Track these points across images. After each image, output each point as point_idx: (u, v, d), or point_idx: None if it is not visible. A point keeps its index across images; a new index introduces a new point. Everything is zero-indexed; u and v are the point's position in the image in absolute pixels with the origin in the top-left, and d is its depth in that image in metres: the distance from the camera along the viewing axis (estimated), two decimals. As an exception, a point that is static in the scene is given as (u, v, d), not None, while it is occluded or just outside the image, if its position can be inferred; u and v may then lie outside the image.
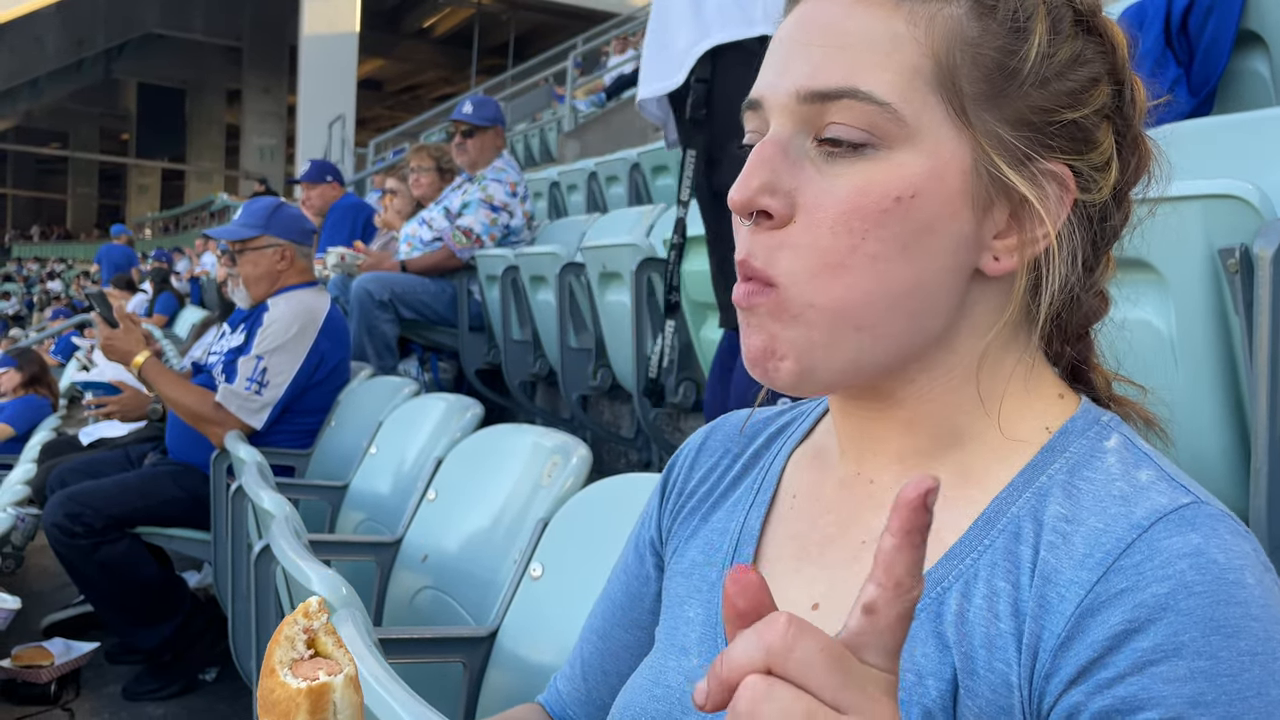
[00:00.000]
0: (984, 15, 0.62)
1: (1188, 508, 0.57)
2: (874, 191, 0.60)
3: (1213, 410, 1.34)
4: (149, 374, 2.92)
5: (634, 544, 0.87)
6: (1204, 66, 2.47)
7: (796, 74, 0.63)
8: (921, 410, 0.66)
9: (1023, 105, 0.62)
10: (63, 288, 24.00)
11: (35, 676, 2.85)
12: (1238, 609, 0.54)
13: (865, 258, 0.60)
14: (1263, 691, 0.53)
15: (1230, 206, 1.23)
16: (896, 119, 0.60)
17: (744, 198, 0.62)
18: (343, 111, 17.99)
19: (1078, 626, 0.56)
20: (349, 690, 0.67)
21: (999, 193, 0.62)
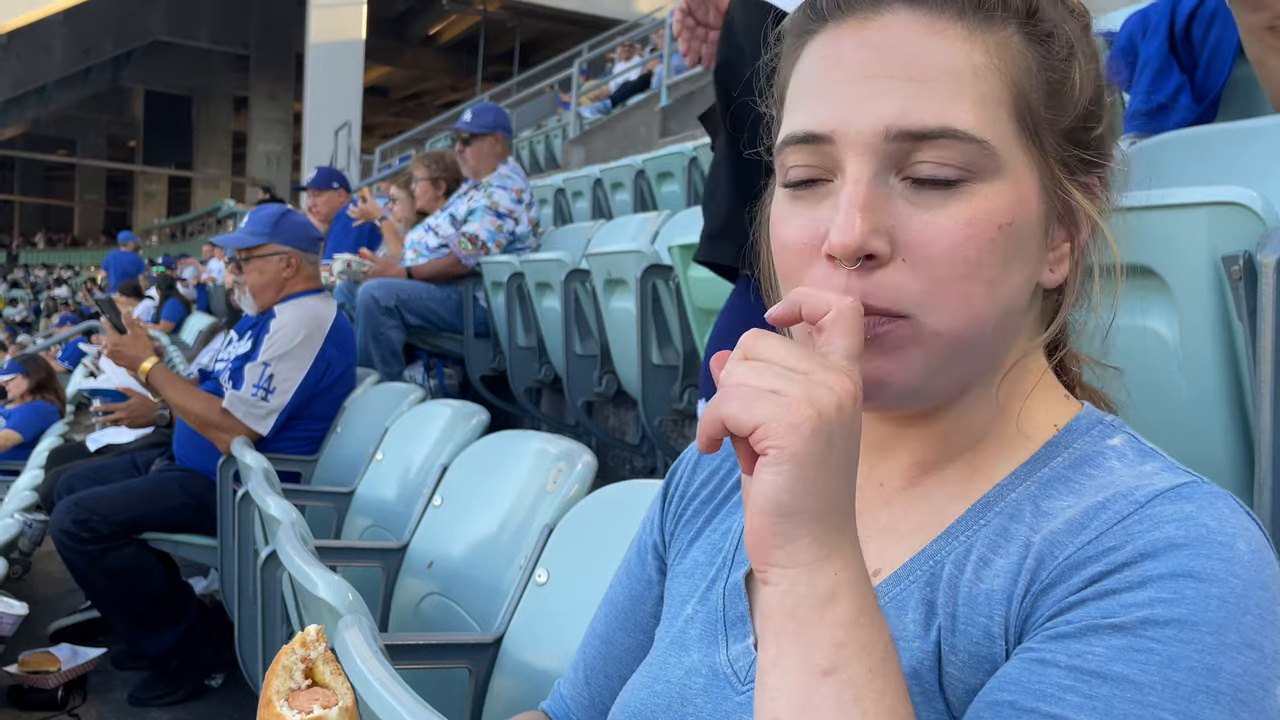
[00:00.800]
0: (1041, 41, 0.64)
1: (1186, 485, 0.59)
2: (980, 222, 0.61)
3: (1218, 418, 1.34)
4: (156, 380, 2.93)
5: (636, 548, 0.88)
6: (1208, 74, 2.48)
7: (883, 111, 0.61)
8: (959, 421, 0.68)
9: (1073, 124, 0.65)
10: (70, 294, 24.08)
11: (42, 682, 2.85)
12: (1219, 564, 0.54)
13: (983, 285, 0.61)
14: (1220, 633, 0.52)
15: (1234, 214, 1.23)
16: (990, 154, 0.61)
17: (856, 242, 0.60)
18: (349, 118, 18.05)
19: (1061, 576, 0.57)
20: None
21: (1063, 210, 0.65)
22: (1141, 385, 1.22)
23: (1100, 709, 0.52)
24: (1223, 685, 0.51)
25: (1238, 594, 0.53)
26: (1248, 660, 0.52)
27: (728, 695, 0.68)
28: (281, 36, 28.61)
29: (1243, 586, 0.54)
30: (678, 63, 10.07)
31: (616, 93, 11.86)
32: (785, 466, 0.52)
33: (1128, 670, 0.52)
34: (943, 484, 0.68)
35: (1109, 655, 0.53)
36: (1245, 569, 0.54)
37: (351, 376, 3.20)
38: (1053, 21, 0.64)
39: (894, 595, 0.64)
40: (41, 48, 28.24)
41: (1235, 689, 0.52)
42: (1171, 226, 1.25)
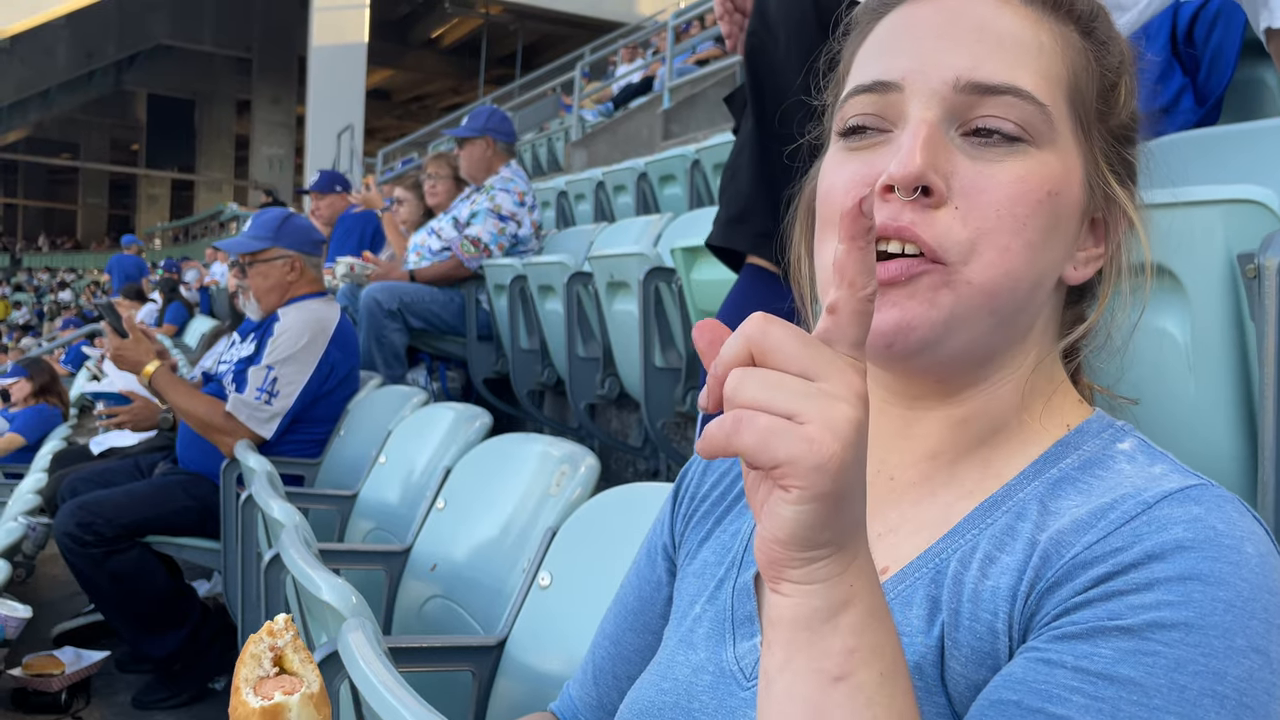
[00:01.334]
0: (1098, 48, 0.69)
1: (1195, 488, 0.59)
2: (1033, 181, 0.63)
3: (1226, 420, 1.33)
4: (159, 384, 2.94)
5: (646, 550, 0.89)
6: (1210, 76, 2.47)
7: (955, 64, 0.64)
8: (977, 407, 0.68)
9: (1118, 130, 0.69)
10: (73, 297, 24.11)
11: (46, 685, 2.86)
12: (1227, 566, 0.54)
13: (1025, 244, 0.63)
14: (1227, 637, 0.53)
15: (1250, 211, 1.23)
16: (1048, 120, 0.64)
17: (914, 172, 0.62)
18: (351, 121, 18.05)
19: (1067, 575, 0.57)
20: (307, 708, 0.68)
21: (1099, 206, 0.68)
22: (1149, 385, 1.22)
23: (1106, 711, 0.52)
24: (1228, 690, 0.52)
25: (1245, 598, 0.53)
26: (1253, 665, 0.52)
27: (733, 691, 0.69)
28: (284, 40, 28.65)
29: (1250, 590, 0.54)
30: (680, 65, 10.08)
31: (619, 95, 11.86)
32: (810, 506, 0.49)
33: (1134, 673, 0.52)
34: (953, 480, 0.68)
35: (1115, 657, 0.53)
36: (1253, 573, 0.54)
37: (354, 379, 3.20)
38: (1108, 35, 0.69)
39: (899, 591, 0.65)
40: (44, 51, 28.29)
41: (1240, 693, 0.52)
42: (1186, 224, 1.25)
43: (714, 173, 5.24)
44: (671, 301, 2.94)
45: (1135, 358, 0.74)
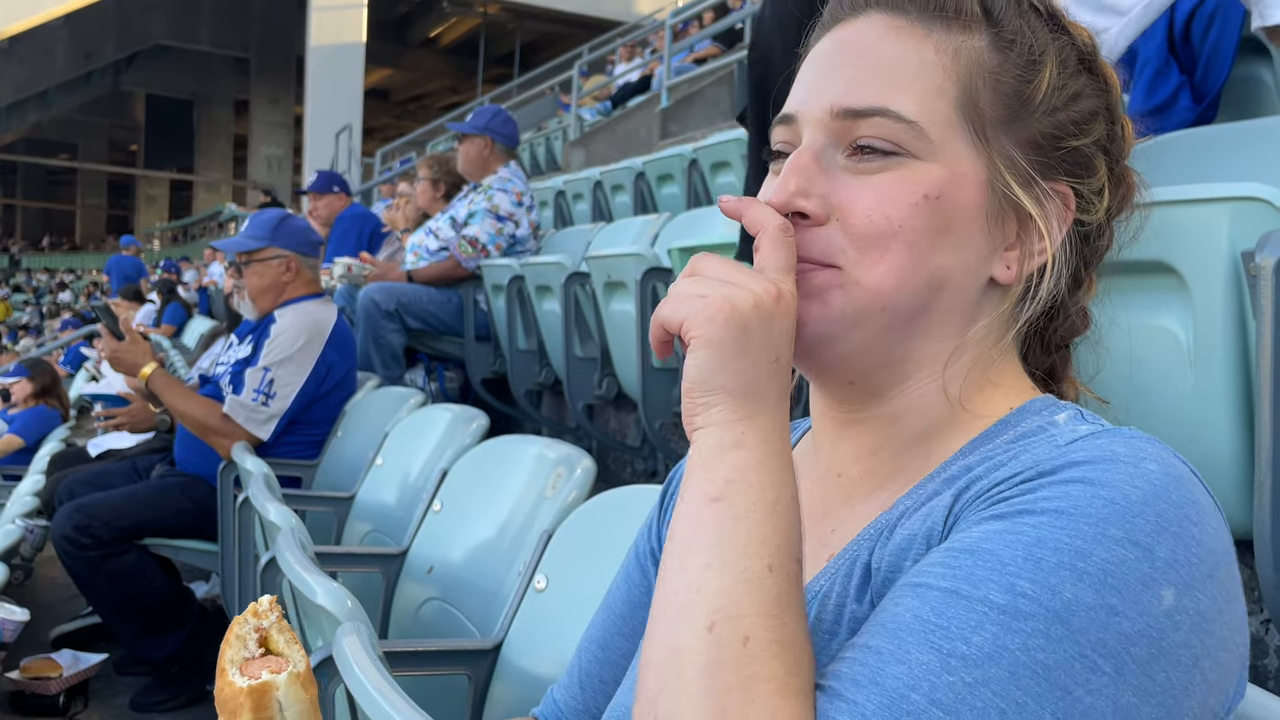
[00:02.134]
0: (1003, 48, 0.69)
1: (1110, 430, 0.60)
2: (904, 187, 0.66)
3: (1224, 417, 1.33)
4: (156, 386, 2.93)
5: (635, 554, 0.89)
6: (1207, 74, 2.47)
7: (831, 92, 0.69)
8: (907, 406, 0.71)
9: (1034, 130, 0.69)
10: (73, 298, 24.11)
11: (44, 688, 2.85)
12: (1118, 476, 0.55)
13: (904, 244, 0.66)
14: (1101, 525, 0.53)
15: (1255, 209, 1.23)
16: (921, 136, 0.67)
17: (781, 200, 0.68)
18: (350, 121, 18.04)
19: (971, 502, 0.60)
20: (294, 687, 0.68)
21: (1009, 208, 0.69)
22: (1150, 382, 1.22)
23: (959, 575, 0.54)
24: (1090, 567, 0.52)
25: (1132, 500, 0.54)
26: (1127, 554, 0.52)
27: None
28: (282, 40, 28.63)
29: (1140, 496, 0.54)
30: (678, 64, 10.07)
31: (617, 94, 11.85)
32: (702, 351, 0.61)
33: (993, 546, 0.54)
34: (898, 473, 0.71)
35: (980, 536, 0.55)
36: (1147, 483, 0.55)
37: (352, 381, 3.20)
38: (1016, 31, 0.69)
39: (840, 567, 0.68)
40: (43, 52, 28.27)
41: (1105, 573, 0.52)
42: (1190, 222, 1.25)
43: (711, 172, 5.23)
44: (669, 302, 2.93)
45: (1136, 356, 0.74)
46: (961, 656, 0.51)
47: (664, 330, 0.64)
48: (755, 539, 0.58)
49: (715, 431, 0.62)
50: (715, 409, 0.62)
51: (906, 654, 0.53)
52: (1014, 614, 0.52)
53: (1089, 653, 0.51)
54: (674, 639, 0.56)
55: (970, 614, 0.52)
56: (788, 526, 0.60)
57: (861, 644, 0.55)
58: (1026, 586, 0.52)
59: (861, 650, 0.55)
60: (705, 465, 0.61)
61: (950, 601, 0.53)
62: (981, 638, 0.52)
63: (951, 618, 0.53)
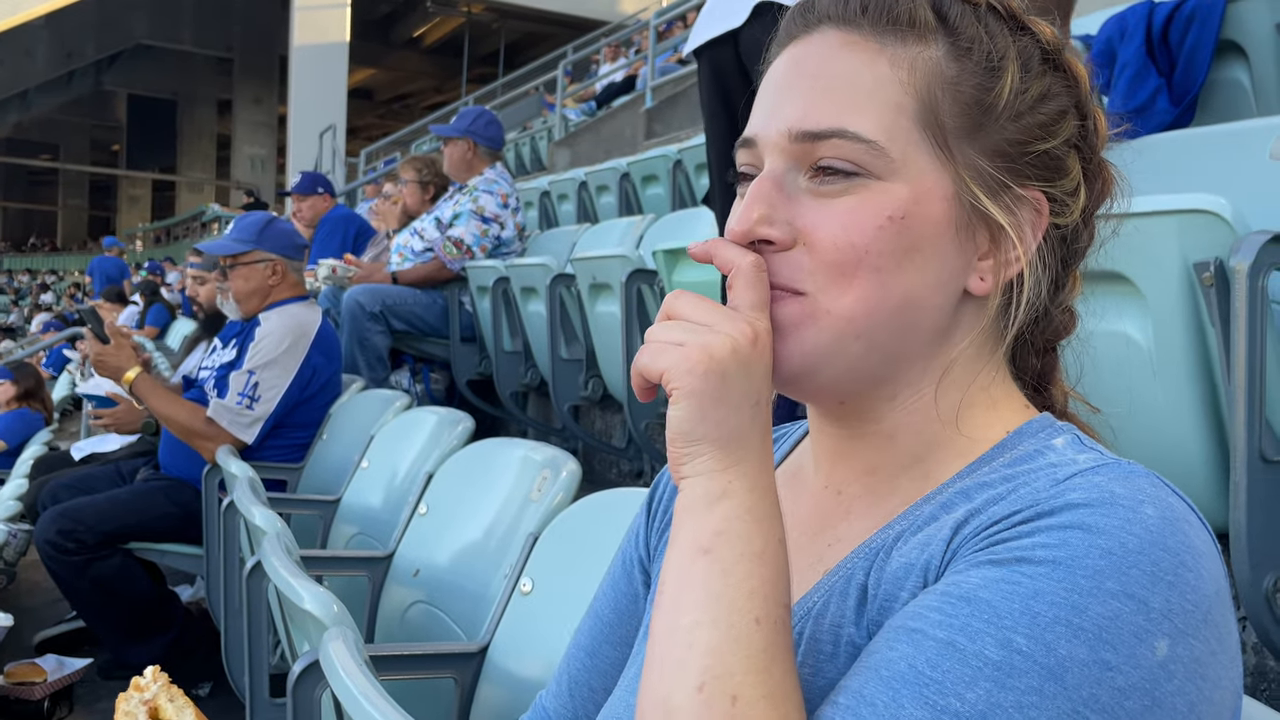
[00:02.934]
0: (961, 56, 0.67)
1: (1110, 465, 0.60)
2: (867, 210, 0.65)
3: (1192, 422, 1.35)
4: (140, 390, 2.93)
5: (621, 561, 0.89)
6: (1185, 76, 2.50)
7: (788, 115, 0.68)
8: (900, 423, 0.70)
9: (999, 138, 0.67)
10: (55, 299, 23.95)
11: (28, 694, 2.84)
12: (1116, 522, 0.55)
13: (869, 270, 0.65)
14: (1097, 578, 0.53)
15: (1204, 221, 1.25)
16: (882, 154, 0.65)
17: (744, 229, 0.67)
18: (334, 121, 17.96)
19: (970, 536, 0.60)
20: None
21: (979, 219, 0.67)
22: (1115, 390, 1.23)
23: (955, 625, 0.54)
24: (1086, 623, 0.52)
25: (1129, 549, 0.53)
26: (1123, 608, 0.52)
27: None
28: (265, 39, 28.50)
29: (1137, 544, 0.54)
30: (662, 64, 10.08)
31: (601, 94, 11.85)
32: (684, 402, 0.62)
33: (990, 596, 0.54)
34: (896, 491, 0.70)
35: (978, 584, 0.55)
36: (1145, 530, 0.54)
37: (337, 383, 3.20)
38: (973, 38, 0.67)
39: (834, 583, 0.67)
40: (23, 52, 28.07)
41: (1100, 629, 0.52)
42: (1143, 233, 1.27)
43: (696, 173, 5.25)
44: (654, 303, 2.94)
45: (1100, 364, 0.75)
46: (955, 714, 0.52)
47: (644, 379, 0.65)
48: (743, 593, 0.59)
49: (702, 482, 0.62)
50: (701, 459, 0.62)
51: (900, 708, 0.53)
52: (1009, 670, 0.52)
53: (1082, 709, 0.51)
54: (666, 696, 0.58)
55: (965, 669, 0.53)
56: (775, 574, 0.61)
57: (855, 689, 0.56)
58: (1022, 643, 0.52)
59: (855, 698, 0.55)
60: (693, 515, 0.62)
61: (946, 654, 0.53)
62: (975, 694, 0.52)
63: (946, 671, 0.53)
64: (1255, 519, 1.27)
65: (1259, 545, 1.29)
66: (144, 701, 0.72)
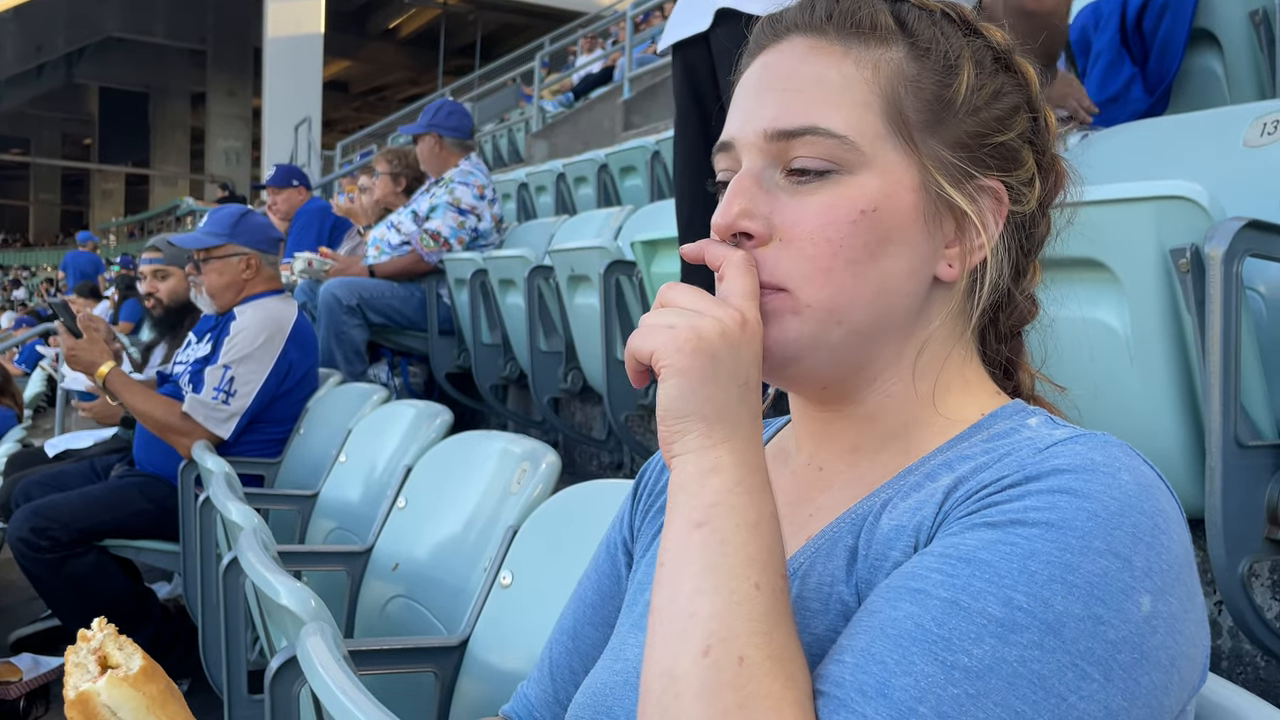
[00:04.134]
0: (920, 57, 0.72)
1: (1087, 434, 0.63)
2: (842, 206, 0.69)
3: (1168, 408, 1.36)
4: (114, 385, 2.89)
5: (606, 545, 0.91)
6: (1159, 65, 2.51)
7: (763, 116, 0.72)
8: (880, 405, 0.73)
9: (959, 130, 0.72)
10: (28, 295, 23.69)
11: (4, 693, 2.81)
12: (1098, 486, 0.58)
13: (845, 262, 0.69)
14: (1085, 538, 0.56)
15: (1180, 207, 1.25)
16: (853, 148, 0.69)
17: (726, 222, 0.71)
18: (309, 114, 17.83)
19: (959, 503, 0.62)
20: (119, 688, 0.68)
21: (945, 208, 0.71)
22: (1092, 376, 1.24)
23: (958, 585, 0.56)
24: (1078, 580, 0.55)
25: (1111, 511, 0.57)
26: (1109, 565, 0.56)
27: None
28: (239, 31, 28.24)
29: (1118, 506, 0.57)
30: (639, 55, 10.06)
31: (579, 85, 11.82)
32: (672, 380, 0.64)
33: (989, 556, 0.57)
34: (877, 465, 0.73)
35: (976, 545, 0.58)
36: (1123, 493, 0.58)
37: (314, 378, 3.17)
38: (931, 39, 0.72)
39: (821, 545, 0.71)
40: (-9, 45, 27.69)
41: (1091, 585, 0.55)
42: (1118, 220, 1.27)
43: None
44: (633, 294, 2.94)
45: (1076, 350, 0.76)
46: (964, 669, 0.54)
47: (636, 361, 0.67)
48: (741, 560, 0.61)
49: (693, 458, 0.64)
50: (690, 435, 0.65)
51: (911, 665, 0.55)
52: (1011, 626, 0.55)
53: (1079, 661, 0.54)
54: (670, 665, 0.59)
55: (970, 626, 0.55)
56: (770, 543, 0.62)
57: (862, 648, 0.57)
58: (1022, 600, 0.55)
59: (863, 656, 0.57)
60: (686, 492, 0.64)
61: (951, 612, 0.56)
62: (981, 650, 0.54)
63: (953, 629, 0.55)
64: (1230, 503, 1.28)
65: (1234, 529, 1.30)
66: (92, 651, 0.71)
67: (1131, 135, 1.93)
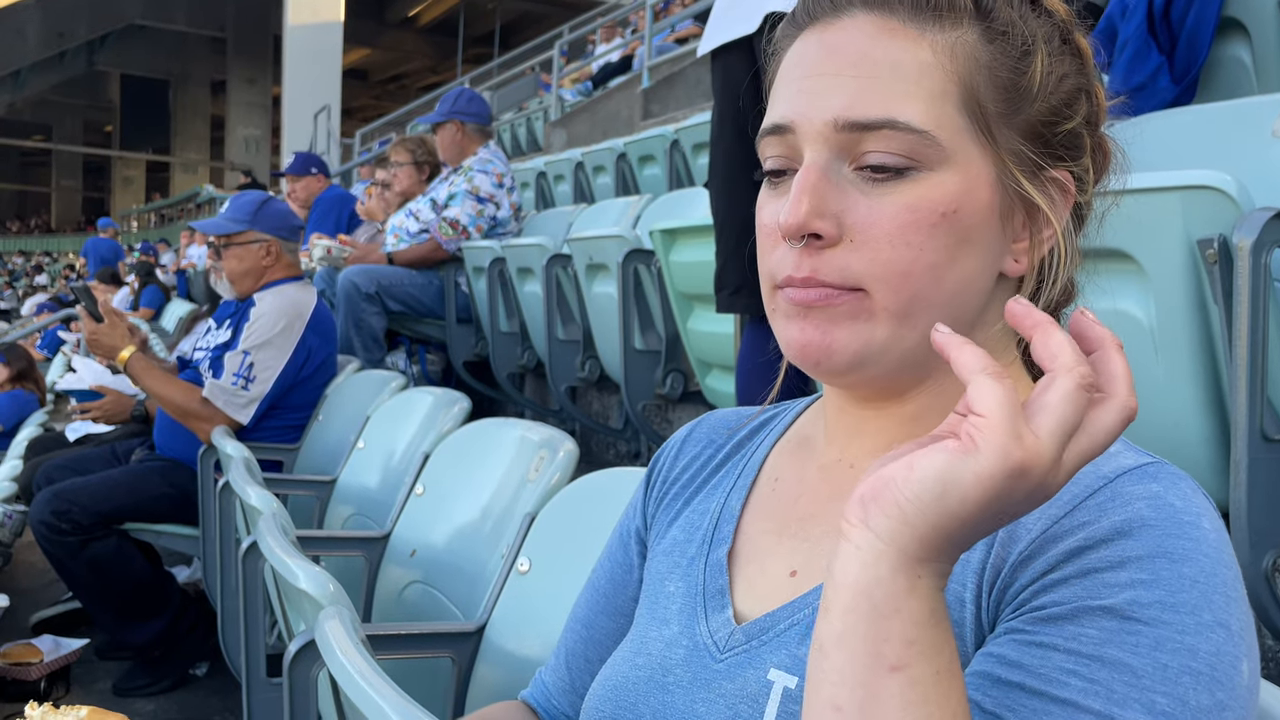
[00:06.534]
0: (995, 39, 0.67)
1: (1151, 465, 0.62)
2: (923, 209, 0.65)
3: (1193, 400, 1.35)
4: (134, 370, 2.91)
5: (619, 534, 0.90)
6: (1186, 54, 2.48)
7: (833, 104, 0.66)
8: (926, 405, 0.71)
9: (1033, 119, 0.68)
10: (49, 281, 23.88)
11: (25, 674, 2.84)
12: (1188, 543, 0.57)
13: (925, 266, 0.65)
14: (1196, 613, 0.56)
15: (1208, 197, 1.24)
16: (934, 144, 0.65)
17: (797, 222, 0.65)
18: (328, 102, 17.86)
19: (1039, 549, 0.60)
20: None
21: (1017, 201, 0.68)
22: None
23: (1103, 694, 0.55)
24: (1201, 665, 0.55)
25: (1207, 573, 0.57)
26: (1219, 639, 0.55)
27: (706, 664, 0.71)
28: (259, 19, 28.31)
29: (1210, 565, 0.57)
30: (659, 44, 10.03)
31: (598, 74, 11.79)
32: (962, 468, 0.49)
33: (1122, 654, 0.55)
34: None
35: (1101, 638, 0.56)
36: (1211, 548, 0.58)
37: (332, 364, 3.18)
38: (1008, 21, 0.67)
39: None
40: (14, 32, 27.86)
41: (1212, 668, 0.55)
42: (1145, 210, 1.26)
43: (693, 153, 5.22)
44: (651, 284, 2.93)
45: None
46: None
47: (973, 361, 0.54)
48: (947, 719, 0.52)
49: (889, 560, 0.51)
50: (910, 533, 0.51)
51: None
52: None
53: None
54: None
55: None
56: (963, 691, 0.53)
57: None
58: (1163, 703, 0.54)
59: None
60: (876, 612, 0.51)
61: None
62: None
63: None
64: (1256, 497, 1.27)
65: (1259, 524, 1.29)
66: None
67: (1158, 125, 1.91)
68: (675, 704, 0.71)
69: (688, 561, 0.78)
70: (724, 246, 2.24)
